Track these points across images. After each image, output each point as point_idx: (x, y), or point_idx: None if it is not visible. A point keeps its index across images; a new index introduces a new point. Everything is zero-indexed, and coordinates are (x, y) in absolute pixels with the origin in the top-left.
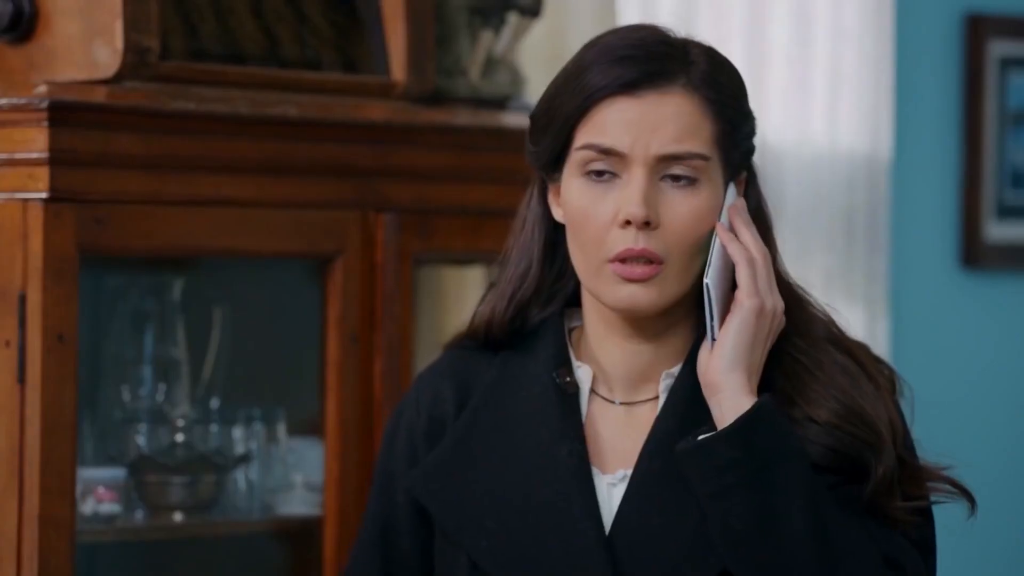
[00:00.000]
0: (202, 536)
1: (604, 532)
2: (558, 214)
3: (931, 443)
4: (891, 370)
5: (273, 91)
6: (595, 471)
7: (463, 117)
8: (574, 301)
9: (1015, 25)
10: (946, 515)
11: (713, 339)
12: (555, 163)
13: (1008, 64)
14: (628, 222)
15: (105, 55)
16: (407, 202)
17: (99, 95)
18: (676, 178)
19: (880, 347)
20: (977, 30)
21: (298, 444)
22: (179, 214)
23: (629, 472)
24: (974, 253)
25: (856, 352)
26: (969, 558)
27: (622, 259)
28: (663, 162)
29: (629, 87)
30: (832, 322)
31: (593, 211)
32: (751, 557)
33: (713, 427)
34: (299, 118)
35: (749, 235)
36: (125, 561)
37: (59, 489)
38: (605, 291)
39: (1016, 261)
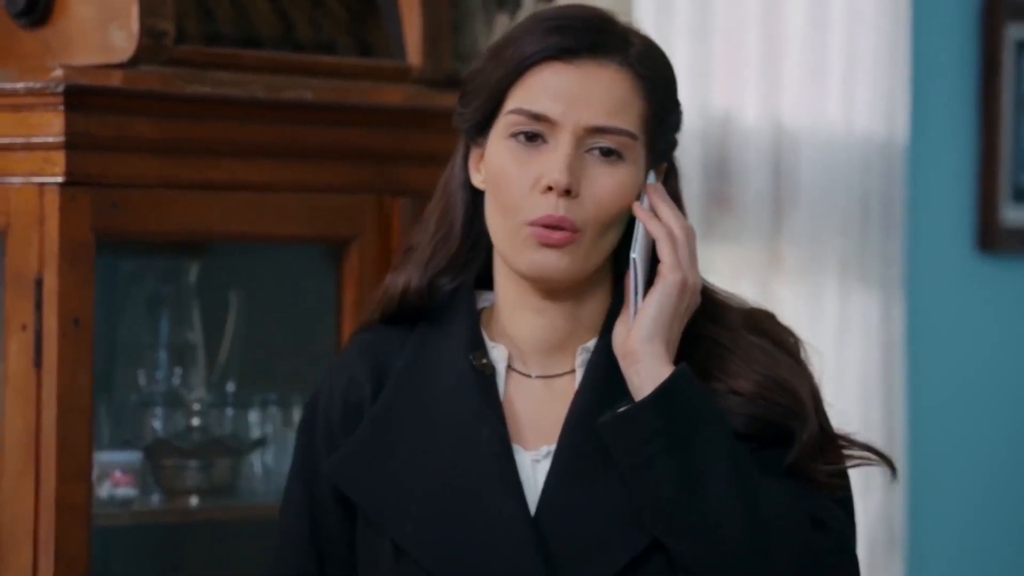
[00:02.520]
0: (217, 520)
1: (528, 511)
2: (477, 180)
3: (946, 426)
4: (796, 337)
5: (288, 75)
6: (517, 448)
7: None
8: (483, 283)
9: None
10: (953, 509)
11: (635, 312)
12: (482, 126)
13: None
14: (550, 188)
15: (121, 39)
16: (423, 186)
17: (115, 79)
18: (602, 151)
19: (896, 331)
20: (994, 13)
21: None
22: (195, 198)
23: (552, 447)
24: (990, 237)
25: (770, 328)
26: (983, 546)
27: (542, 224)
28: (591, 134)
29: (566, 53)
30: (742, 303)
31: (516, 174)
32: (679, 525)
33: (631, 402)
34: (314, 102)
35: (669, 212)
36: (141, 544)
37: (75, 473)
38: (520, 256)
39: None
